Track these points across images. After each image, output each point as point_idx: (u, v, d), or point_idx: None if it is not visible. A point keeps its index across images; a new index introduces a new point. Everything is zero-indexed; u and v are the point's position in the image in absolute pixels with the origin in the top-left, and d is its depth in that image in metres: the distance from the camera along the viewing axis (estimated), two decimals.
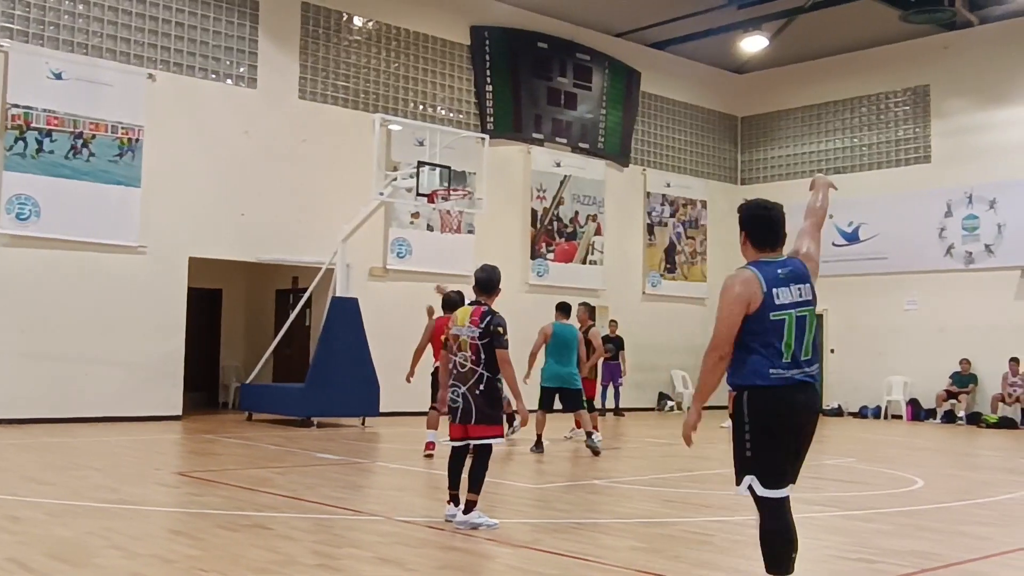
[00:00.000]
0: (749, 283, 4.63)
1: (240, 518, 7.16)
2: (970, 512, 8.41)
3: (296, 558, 5.84)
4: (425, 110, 19.40)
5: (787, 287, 4.65)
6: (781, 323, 4.60)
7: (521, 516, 7.63)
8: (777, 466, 4.68)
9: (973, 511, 8.47)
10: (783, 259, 4.79)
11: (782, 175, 24.47)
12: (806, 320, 4.68)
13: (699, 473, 10.97)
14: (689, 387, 22.95)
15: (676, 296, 23.55)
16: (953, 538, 7.04)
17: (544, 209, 21.14)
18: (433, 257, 18.86)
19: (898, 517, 7.97)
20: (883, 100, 22.82)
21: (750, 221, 4.87)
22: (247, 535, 6.53)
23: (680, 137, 24.14)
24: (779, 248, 4.83)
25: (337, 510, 7.66)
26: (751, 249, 4.84)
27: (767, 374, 4.61)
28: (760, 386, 4.64)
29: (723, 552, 6.34)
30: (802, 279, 4.71)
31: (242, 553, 5.94)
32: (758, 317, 4.60)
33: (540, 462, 11.73)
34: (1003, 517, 8.31)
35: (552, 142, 21.33)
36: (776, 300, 4.60)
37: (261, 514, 7.36)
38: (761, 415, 4.66)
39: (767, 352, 4.60)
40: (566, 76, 21.62)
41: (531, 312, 20.95)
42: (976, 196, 21.00)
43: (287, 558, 5.82)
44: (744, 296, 4.61)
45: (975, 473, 12.13)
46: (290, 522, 7.11)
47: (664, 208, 23.61)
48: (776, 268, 4.70)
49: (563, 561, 5.87)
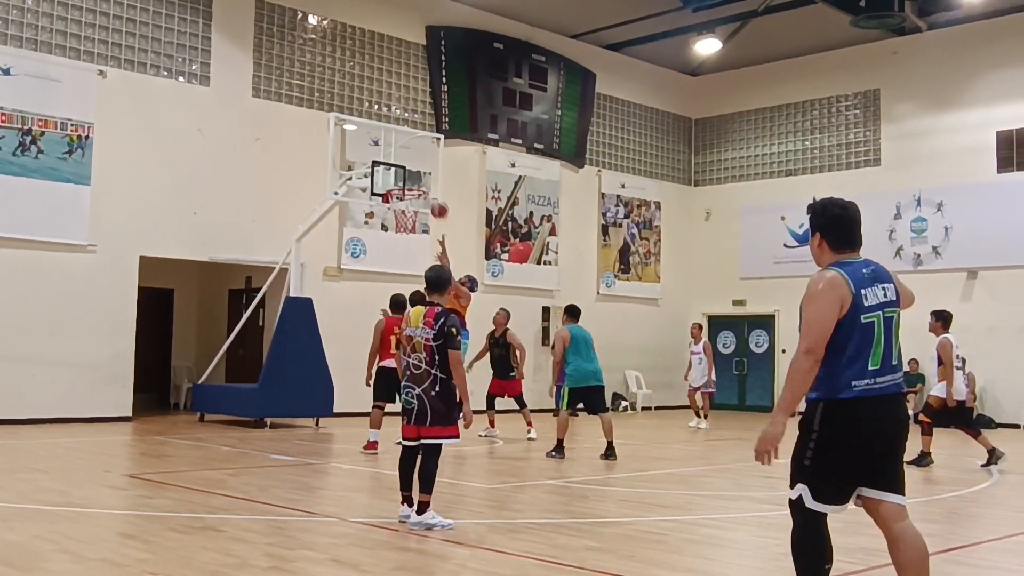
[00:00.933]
0: (837, 284, 4.33)
1: (192, 520, 7.09)
2: (917, 510, 8.52)
3: (249, 560, 5.80)
4: (380, 109, 19.33)
5: (873, 287, 4.37)
6: (871, 326, 4.31)
7: (476, 516, 7.63)
8: (835, 482, 4.39)
9: (920, 508, 8.60)
10: (864, 259, 4.53)
11: (735, 177, 24.71)
12: (893, 321, 4.41)
13: (654, 473, 11.04)
14: (643, 387, 23.09)
15: (630, 297, 23.68)
16: None
17: (499, 209, 21.15)
18: (388, 257, 18.79)
19: (848, 515, 8.05)
20: (834, 104, 23.11)
21: (827, 222, 4.58)
22: (199, 538, 6.46)
23: (635, 138, 24.27)
24: (858, 249, 4.58)
25: (291, 512, 7.61)
26: (828, 252, 4.56)
27: (850, 385, 4.26)
28: (841, 399, 4.28)
29: (677, 552, 6.39)
30: (886, 278, 4.46)
31: (194, 556, 5.88)
32: (848, 321, 4.29)
33: (498, 464, 11.73)
34: (949, 514, 8.46)
35: (507, 142, 21.35)
36: (865, 302, 4.32)
37: (213, 516, 7.29)
38: (835, 430, 4.31)
39: (853, 360, 4.27)
40: (522, 77, 21.65)
41: (485, 312, 20.96)
42: (924, 199, 21.34)
43: (240, 561, 5.77)
44: (836, 297, 4.29)
45: (921, 471, 12.32)
46: (243, 524, 7.04)
47: (619, 209, 23.73)
48: (860, 268, 4.43)
49: (518, 561, 5.88)
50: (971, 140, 20.84)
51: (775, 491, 9.30)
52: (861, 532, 7.17)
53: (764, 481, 10.59)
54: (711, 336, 24.72)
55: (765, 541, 7.08)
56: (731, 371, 24.46)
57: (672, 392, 24.26)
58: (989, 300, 20.34)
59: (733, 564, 6.24)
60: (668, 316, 24.47)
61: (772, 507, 8.43)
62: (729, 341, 24.63)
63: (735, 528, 7.53)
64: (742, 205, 24.28)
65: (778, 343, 22.85)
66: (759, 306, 23.73)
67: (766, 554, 6.59)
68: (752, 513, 8.21)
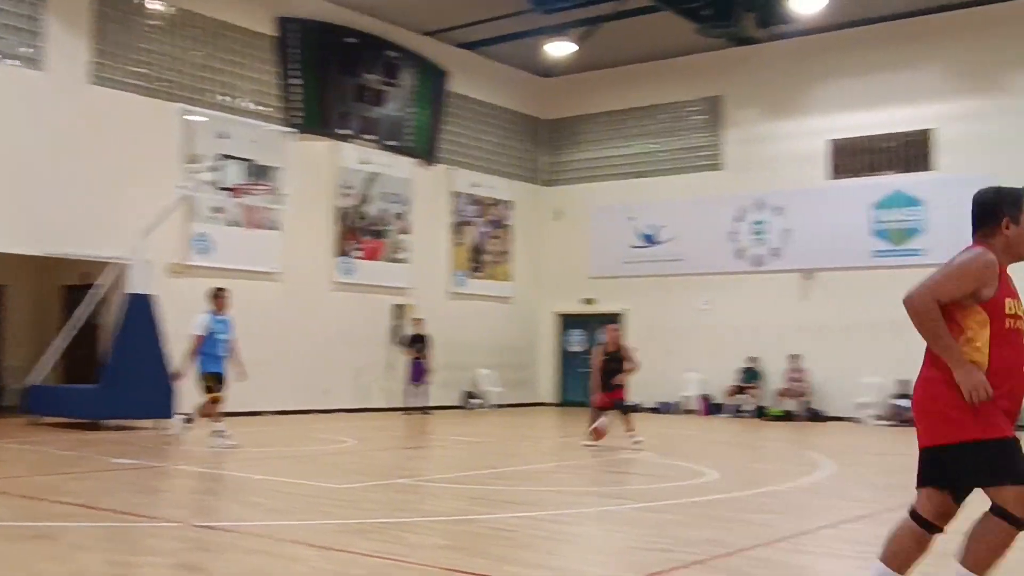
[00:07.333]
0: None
1: (26, 529, 6.77)
2: (757, 501, 8.89)
3: (89, 569, 5.58)
4: (228, 102, 18.83)
5: None
6: None
7: (327, 517, 7.54)
8: None
9: (759, 499, 8.97)
10: None
11: (585, 178, 25.15)
12: None
13: (505, 470, 11.14)
14: (495, 386, 23.26)
15: (482, 295, 23.82)
16: (741, 526, 7.43)
17: (351, 206, 20.94)
18: (237, 253, 18.34)
19: (692, 507, 8.34)
20: (680, 108, 23.79)
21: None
22: (34, 546, 6.18)
23: (487, 138, 24.41)
24: None
25: (133, 517, 7.36)
26: None
27: None
28: None
29: (527, 548, 6.47)
30: None
31: (29, 566, 5.61)
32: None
33: (349, 463, 11.62)
34: (785, 505, 8.83)
35: (360, 139, 21.14)
36: None
37: (50, 524, 6.98)
38: None
39: None
40: (375, 73, 21.47)
41: (337, 310, 20.77)
42: (764, 203, 22.23)
43: (79, 569, 5.55)
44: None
45: (761, 464, 12.84)
46: (82, 531, 6.77)
47: (471, 208, 23.83)
48: None
49: (369, 561, 5.84)
50: (808, 147, 21.82)
51: (622, 485, 9.54)
52: (705, 524, 7.43)
53: (612, 477, 10.83)
54: (562, 335, 25.15)
55: (612, 535, 7.25)
56: (581, 369, 24.88)
57: (524, 390, 24.56)
58: (824, 299, 21.33)
59: (581, 558, 6.37)
60: (519, 314, 24.73)
61: (619, 501, 8.64)
62: (579, 339, 25.06)
63: (583, 523, 7.67)
64: (592, 205, 24.74)
65: None
66: (608, 304, 24.23)
67: (612, 548, 6.75)
68: (600, 508, 8.38)
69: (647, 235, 23.76)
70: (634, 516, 7.96)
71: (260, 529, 6.87)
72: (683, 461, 11.91)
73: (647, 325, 23.15)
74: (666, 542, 6.63)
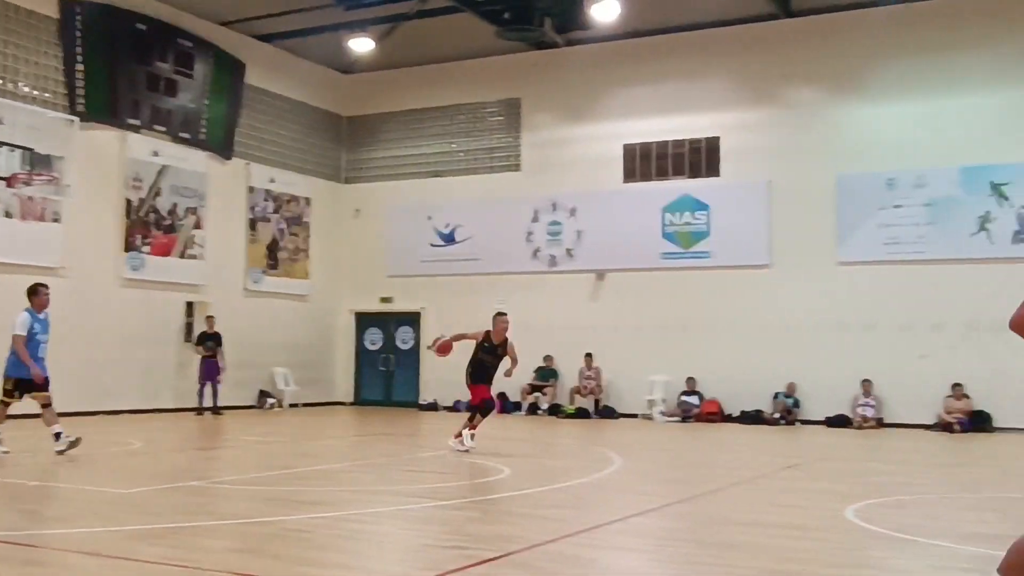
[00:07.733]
0: None
1: None
2: (550, 496, 9.13)
3: None
4: (5, 86, 17.70)
5: None
6: None
7: (112, 524, 7.23)
8: None
9: (553, 495, 9.21)
10: None
11: (385, 176, 25.07)
12: None
13: (300, 470, 10.99)
14: (291, 384, 22.88)
15: (278, 293, 23.37)
16: (535, 521, 7.61)
17: (140, 200, 20.07)
18: (13, 247, 17.26)
19: (487, 504, 8.49)
20: (479, 109, 24.08)
21: None
22: None
23: (285, 133, 23.95)
24: None
25: None
26: None
27: None
28: None
29: (322, 548, 6.42)
30: None
31: None
32: None
33: (136, 466, 11.16)
34: (578, 500, 9.11)
35: (150, 130, 20.31)
36: None
37: None
38: None
39: None
40: (167, 61, 20.68)
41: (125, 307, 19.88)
42: (559, 204, 22.80)
43: None
44: None
45: (554, 461, 13.17)
46: None
47: (268, 204, 23.32)
48: None
49: (157, 569, 5.65)
50: (601, 151, 22.53)
51: (418, 484, 9.59)
52: (500, 521, 7.58)
53: (408, 475, 10.87)
54: (357, 334, 24.99)
55: (408, 533, 7.29)
56: (378, 367, 24.84)
57: (320, 389, 24.26)
58: (616, 299, 22.08)
59: (377, 557, 6.37)
60: (316, 313, 24.41)
61: (415, 499, 8.68)
62: (377, 338, 24.97)
63: (379, 522, 7.67)
64: (391, 204, 24.69)
65: (423, 340, 23.43)
66: (406, 303, 24.27)
67: (408, 545, 6.79)
68: (395, 507, 8.40)
69: (445, 234, 23.93)
70: (429, 514, 8.02)
71: (35, 539, 6.52)
72: (478, 459, 12.08)
73: (444, 324, 23.22)
74: (461, 539, 6.73)
